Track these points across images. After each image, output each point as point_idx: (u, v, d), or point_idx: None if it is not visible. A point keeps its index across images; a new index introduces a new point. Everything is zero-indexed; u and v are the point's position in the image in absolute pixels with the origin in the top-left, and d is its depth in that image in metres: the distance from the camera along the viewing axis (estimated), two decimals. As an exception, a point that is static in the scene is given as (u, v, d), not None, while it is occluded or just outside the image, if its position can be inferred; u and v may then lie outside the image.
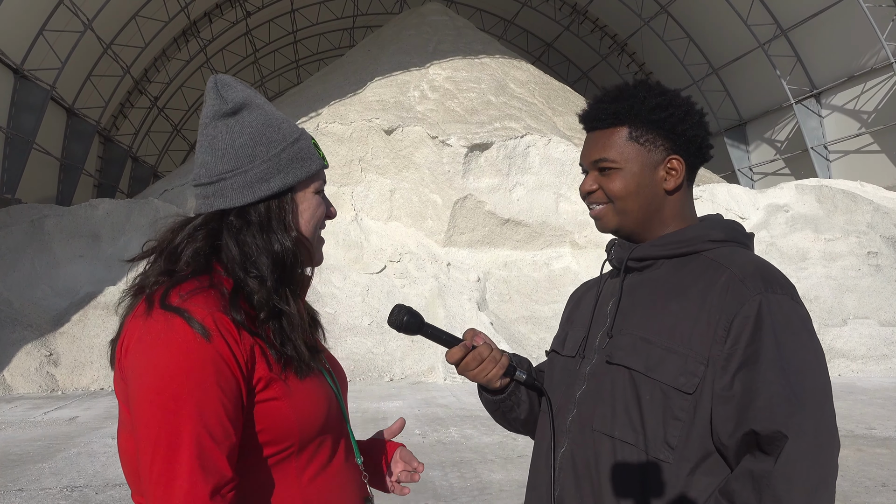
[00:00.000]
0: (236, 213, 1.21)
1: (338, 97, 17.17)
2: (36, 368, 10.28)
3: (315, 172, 1.27)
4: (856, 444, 6.64)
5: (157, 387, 1.05)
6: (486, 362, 1.44)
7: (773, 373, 1.20)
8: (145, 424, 1.06)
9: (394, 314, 1.43)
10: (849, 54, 20.56)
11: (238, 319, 1.13)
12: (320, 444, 1.21)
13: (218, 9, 27.41)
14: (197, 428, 1.05)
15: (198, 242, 1.19)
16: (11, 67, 17.34)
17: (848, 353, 11.66)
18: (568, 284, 13.83)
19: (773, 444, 1.18)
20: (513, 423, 1.59)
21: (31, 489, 5.37)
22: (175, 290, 1.12)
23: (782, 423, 1.17)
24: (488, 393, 1.54)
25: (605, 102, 1.42)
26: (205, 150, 1.23)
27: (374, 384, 10.64)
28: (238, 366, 1.11)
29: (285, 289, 1.21)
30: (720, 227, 1.41)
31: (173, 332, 1.07)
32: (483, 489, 5.29)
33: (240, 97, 1.23)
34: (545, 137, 15.26)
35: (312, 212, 1.27)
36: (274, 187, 1.21)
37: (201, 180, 1.23)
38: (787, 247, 14.01)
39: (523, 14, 31.95)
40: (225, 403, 1.08)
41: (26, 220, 13.10)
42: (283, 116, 1.28)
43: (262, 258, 1.19)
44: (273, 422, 1.14)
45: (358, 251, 13.84)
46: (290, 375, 1.17)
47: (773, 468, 1.17)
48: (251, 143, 1.21)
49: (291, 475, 1.18)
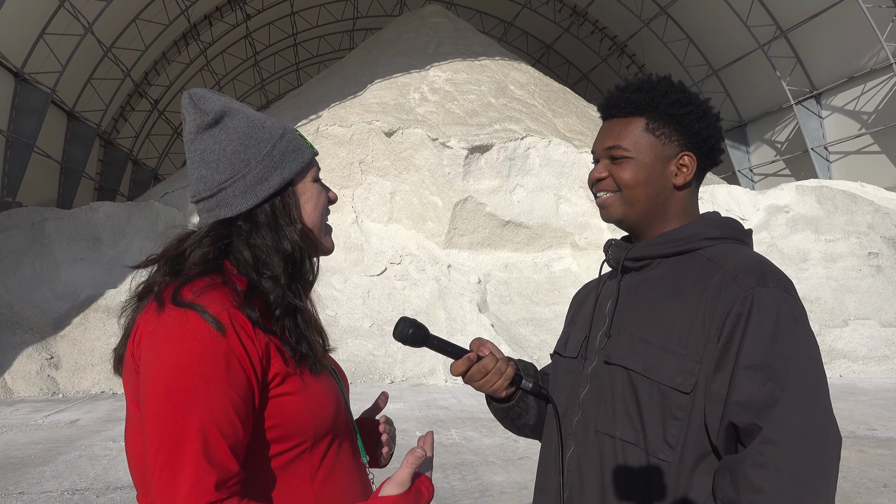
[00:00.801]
0: (244, 217, 1.21)
1: (338, 99, 17.18)
2: (37, 371, 10.28)
3: (309, 161, 1.28)
4: (857, 445, 6.63)
5: (168, 379, 1.06)
6: (491, 374, 1.44)
7: (755, 366, 1.20)
8: (154, 416, 1.06)
9: (399, 327, 1.43)
10: (849, 55, 20.58)
11: (253, 317, 1.13)
12: (331, 442, 1.22)
13: (218, 12, 27.45)
14: (205, 421, 1.05)
15: (205, 248, 1.19)
16: (12, 71, 17.37)
17: (849, 353, 11.65)
18: (568, 286, 13.83)
19: (750, 435, 1.18)
20: (522, 428, 1.60)
21: (32, 492, 5.37)
22: (187, 286, 1.12)
23: (757, 415, 1.17)
24: (496, 401, 1.55)
25: (627, 92, 1.43)
26: (198, 165, 1.23)
27: (375, 386, 10.64)
28: (251, 362, 1.11)
29: (297, 285, 1.23)
30: (717, 224, 1.41)
31: (187, 326, 1.08)
32: (484, 491, 5.29)
33: (218, 106, 1.23)
34: (545, 139, 15.27)
35: (315, 201, 1.28)
36: (274, 185, 1.22)
37: (202, 194, 1.23)
38: (787, 248, 14.01)
39: (523, 16, 32.00)
40: (234, 399, 1.08)
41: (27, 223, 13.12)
42: (263, 115, 1.28)
43: (273, 258, 1.20)
44: (289, 416, 1.15)
45: (358, 253, 13.85)
46: (305, 371, 1.18)
47: (745, 457, 1.16)
48: (241, 147, 1.22)
49: (306, 476, 1.19)
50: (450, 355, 1.46)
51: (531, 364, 1.58)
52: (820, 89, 22.00)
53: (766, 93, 24.05)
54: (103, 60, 22.05)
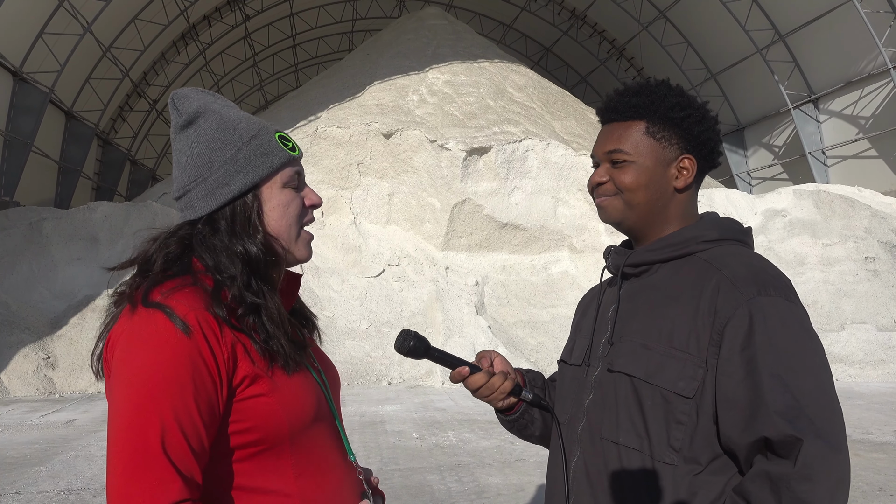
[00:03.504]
0: (204, 221, 1.23)
1: (337, 101, 17.19)
2: (33, 371, 10.26)
3: (279, 166, 1.25)
4: (853, 449, 6.64)
5: (132, 379, 1.06)
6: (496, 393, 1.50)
7: (776, 378, 1.21)
8: (117, 415, 1.06)
9: (400, 339, 1.44)
10: (846, 60, 20.63)
11: (221, 315, 1.14)
12: (311, 439, 1.22)
13: (217, 12, 27.45)
14: (166, 422, 1.05)
15: (169, 248, 1.21)
16: (10, 70, 17.36)
17: (845, 358, 11.67)
18: (566, 289, 13.84)
19: (788, 447, 1.18)
20: (530, 438, 1.63)
21: (28, 492, 5.36)
22: (156, 288, 1.13)
23: (794, 428, 1.18)
24: (501, 413, 1.59)
25: (626, 96, 1.43)
26: (175, 166, 1.26)
27: (372, 388, 10.63)
28: (216, 365, 1.11)
29: (259, 284, 1.22)
30: (715, 226, 1.41)
31: (153, 327, 1.09)
32: (481, 493, 5.29)
33: (193, 107, 1.24)
34: (544, 142, 15.28)
35: (284, 207, 1.26)
36: (234, 190, 1.22)
37: (174, 195, 1.27)
38: (784, 252, 14.03)
39: (522, 18, 32.05)
40: (198, 400, 1.08)
41: (24, 222, 13.10)
42: (242, 116, 1.27)
43: (232, 261, 1.20)
44: (261, 419, 1.15)
45: (356, 255, 13.84)
46: (276, 371, 1.17)
47: (793, 470, 1.17)
48: (207, 150, 1.23)
49: (287, 473, 1.18)
50: (450, 366, 1.48)
51: (539, 374, 1.60)
52: (818, 94, 22.05)
53: (764, 97, 24.10)
54: (102, 60, 22.04)
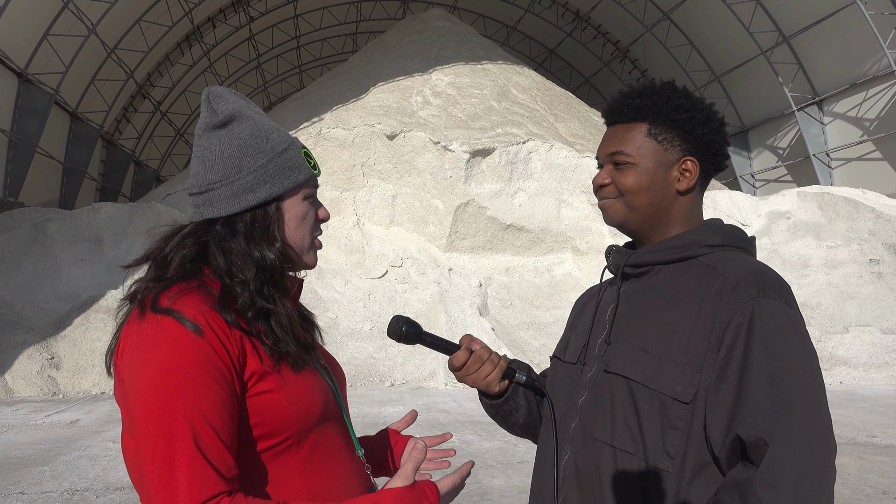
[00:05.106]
0: (223, 222, 1.24)
1: (340, 102, 17.21)
2: (37, 372, 10.29)
3: (302, 182, 1.30)
4: (857, 452, 6.63)
5: (152, 384, 1.08)
6: (486, 364, 1.48)
7: (760, 380, 1.20)
8: (144, 420, 1.07)
9: (392, 325, 1.45)
10: (851, 62, 20.58)
11: (228, 319, 1.16)
12: (320, 435, 1.23)
13: (221, 14, 27.50)
14: (194, 419, 1.07)
15: (185, 249, 1.23)
16: (15, 71, 17.41)
17: (849, 360, 11.64)
18: (569, 290, 13.83)
19: (757, 451, 1.18)
20: (513, 427, 1.62)
21: (32, 492, 5.38)
22: (164, 293, 1.15)
23: (765, 430, 1.17)
24: (487, 398, 1.57)
25: (630, 98, 1.43)
26: (197, 161, 1.27)
27: (376, 389, 10.64)
28: (230, 359, 1.13)
29: (270, 290, 1.24)
30: (718, 231, 1.40)
31: (165, 332, 1.10)
32: (484, 495, 5.29)
33: (229, 109, 1.26)
34: (547, 143, 15.28)
35: (300, 219, 1.30)
36: (260, 197, 1.24)
37: (192, 190, 1.27)
38: (788, 254, 14.00)
39: (526, 20, 32.04)
40: (220, 394, 1.10)
41: (29, 223, 13.14)
42: (273, 127, 1.31)
43: (246, 265, 1.22)
44: (270, 414, 1.17)
45: (359, 256, 13.85)
46: (284, 368, 1.20)
47: (755, 475, 1.16)
48: (239, 154, 1.25)
49: (294, 468, 1.20)
50: (444, 351, 1.49)
51: (525, 364, 1.59)
52: (822, 96, 22.00)
53: (768, 99, 24.06)
54: (106, 62, 22.10)
